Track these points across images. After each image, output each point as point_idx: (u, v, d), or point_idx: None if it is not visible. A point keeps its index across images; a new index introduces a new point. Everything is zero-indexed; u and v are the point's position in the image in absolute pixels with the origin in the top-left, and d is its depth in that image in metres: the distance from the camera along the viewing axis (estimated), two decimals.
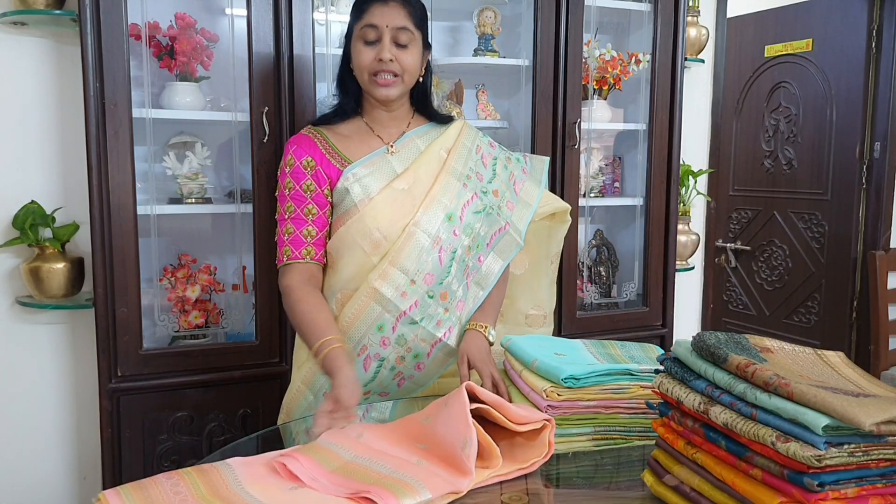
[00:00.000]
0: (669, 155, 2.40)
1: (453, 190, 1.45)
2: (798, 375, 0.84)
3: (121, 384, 1.84)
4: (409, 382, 1.50)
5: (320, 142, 1.47)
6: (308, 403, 1.49)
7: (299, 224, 1.44)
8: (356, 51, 1.42)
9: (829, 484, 0.74)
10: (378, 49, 1.39)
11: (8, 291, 2.04)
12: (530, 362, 1.22)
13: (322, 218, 1.45)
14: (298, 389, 1.50)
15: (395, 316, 1.42)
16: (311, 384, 1.48)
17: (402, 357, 1.45)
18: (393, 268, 1.40)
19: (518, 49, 2.32)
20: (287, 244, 1.44)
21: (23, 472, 2.09)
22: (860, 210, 3.37)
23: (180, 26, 1.92)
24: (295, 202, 1.44)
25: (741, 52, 3.83)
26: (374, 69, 1.40)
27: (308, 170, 1.44)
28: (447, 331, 1.47)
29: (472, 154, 1.52)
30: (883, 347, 3.17)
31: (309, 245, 1.44)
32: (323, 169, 1.44)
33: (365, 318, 1.41)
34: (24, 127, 2.00)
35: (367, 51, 1.40)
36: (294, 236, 1.44)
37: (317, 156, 1.45)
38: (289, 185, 1.45)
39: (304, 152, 1.45)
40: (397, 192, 1.42)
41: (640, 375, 1.18)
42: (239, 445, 1.28)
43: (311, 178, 1.44)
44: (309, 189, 1.44)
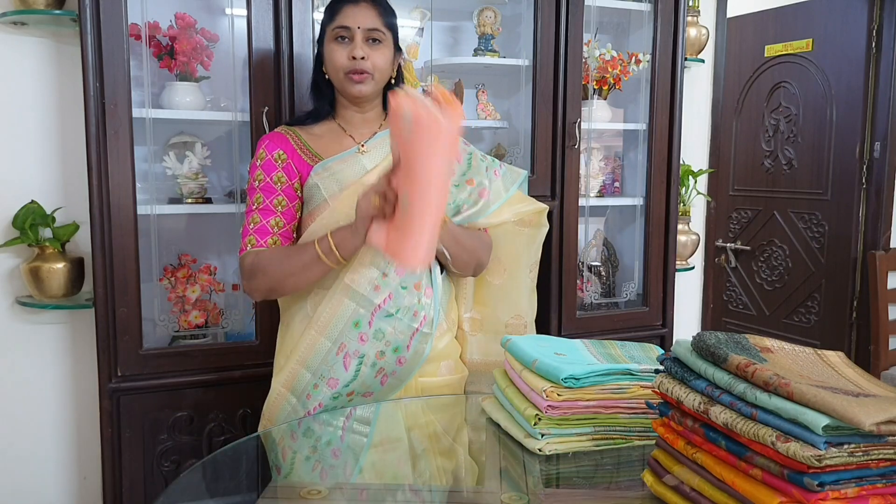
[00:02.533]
0: (669, 155, 2.40)
1: None
2: (798, 375, 0.84)
3: (121, 384, 1.84)
4: (391, 379, 1.49)
5: (292, 138, 1.51)
6: (291, 407, 1.47)
7: (266, 214, 1.46)
8: (329, 51, 1.46)
9: (829, 484, 0.74)
10: (350, 48, 1.44)
11: (8, 291, 2.04)
12: (530, 362, 1.22)
13: (290, 211, 1.47)
14: (280, 394, 1.48)
15: (370, 311, 1.42)
16: (293, 387, 1.46)
17: (382, 352, 1.45)
18: (362, 264, 1.41)
19: (518, 49, 2.32)
20: (252, 234, 1.45)
21: (23, 472, 2.10)
22: (860, 210, 3.37)
23: (180, 26, 1.92)
24: (264, 193, 1.46)
25: (741, 52, 3.83)
26: (348, 68, 1.44)
27: (279, 162, 1.48)
28: (422, 319, 1.47)
29: None
30: (883, 347, 3.17)
31: (275, 235, 1.45)
32: (294, 163, 1.48)
33: (340, 315, 1.42)
34: (24, 127, 2.00)
35: (339, 50, 1.45)
36: (260, 226, 1.45)
37: (288, 150, 1.49)
38: (259, 177, 1.48)
39: (276, 146, 1.49)
40: (366, 185, 1.41)
41: (640, 375, 1.18)
42: (240, 445, 1.28)
43: (281, 171, 1.47)
44: (279, 181, 1.47)
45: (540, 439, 1.14)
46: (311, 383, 1.44)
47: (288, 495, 1.13)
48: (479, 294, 1.66)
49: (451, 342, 1.58)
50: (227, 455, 1.28)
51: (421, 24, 2.26)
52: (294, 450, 1.34)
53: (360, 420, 1.42)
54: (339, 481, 1.19)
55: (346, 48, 1.44)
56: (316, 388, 1.44)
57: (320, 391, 1.44)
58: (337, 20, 1.45)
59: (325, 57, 1.49)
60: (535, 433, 1.15)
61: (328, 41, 1.47)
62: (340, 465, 1.26)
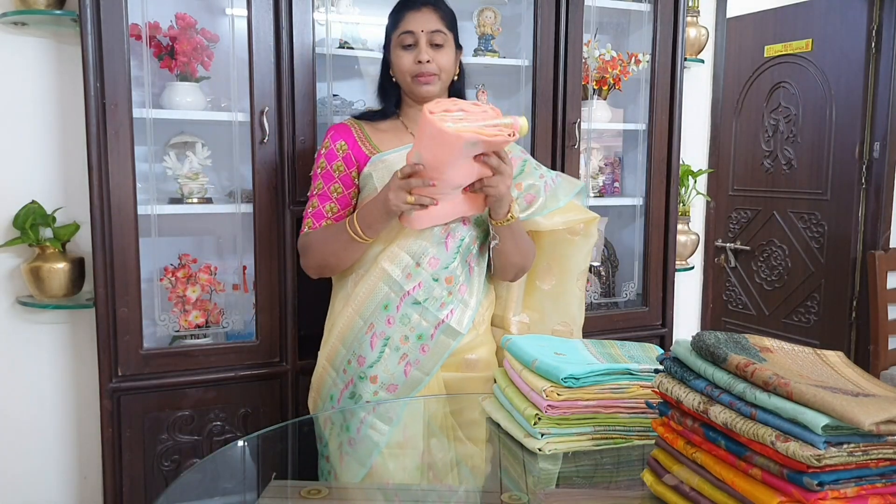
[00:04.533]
0: (669, 155, 2.41)
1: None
2: (797, 375, 0.84)
3: (121, 384, 1.84)
4: (414, 369, 1.53)
5: (356, 130, 1.61)
6: (332, 380, 1.58)
7: (324, 200, 1.57)
8: (396, 56, 1.55)
9: (828, 483, 0.74)
10: (416, 52, 1.52)
11: (8, 291, 2.04)
12: (530, 362, 1.22)
13: (346, 197, 1.57)
14: (323, 367, 1.60)
15: (400, 296, 1.51)
16: (333, 360, 1.58)
17: (406, 336, 1.52)
18: (401, 250, 1.50)
19: (518, 49, 2.32)
20: (310, 217, 1.57)
21: (23, 472, 2.10)
22: (860, 210, 3.38)
23: (181, 26, 1.92)
24: (324, 180, 1.58)
25: (741, 52, 3.83)
26: (415, 71, 1.53)
27: (340, 152, 1.58)
28: (449, 313, 1.53)
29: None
30: (882, 347, 3.18)
31: (329, 219, 1.56)
32: (353, 153, 1.58)
33: (374, 296, 1.52)
34: (24, 127, 2.00)
35: (406, 55, 1.53)
36: (317, 210, 1.57)
37: (350, 141, 1.59)
38: (322, 165, 1.59)
39: (340, 137, 1.59)
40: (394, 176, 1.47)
41: (639, 375, 1.18)
42: (240, 444, 1.28)
43: (341, 160, 1.57)
44: (338, 169, 1.57)
45: (540, 439, 1.14)
46: (346, 358, 1.55)
47: (288, 495, 1.13)
48: (528, 299, 1.72)
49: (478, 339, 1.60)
50: (228, 455, 1.29)
51: None
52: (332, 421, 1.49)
53: (381, 418, 1.46)
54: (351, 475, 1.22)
55: (411, 53, 1.52)
56: (349, 363, 1.54)
57: (352, 367, 1.54)
58: (401, 26, 1.53)
59: (393, 62, 1.57)
60: (535, 433, 1.15)
61: (394, 47, 1.55)
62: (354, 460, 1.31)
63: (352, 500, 1.14)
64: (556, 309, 1.71)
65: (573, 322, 1.71)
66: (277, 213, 1.95)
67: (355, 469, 1.35)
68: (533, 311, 1.71)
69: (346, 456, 1.34)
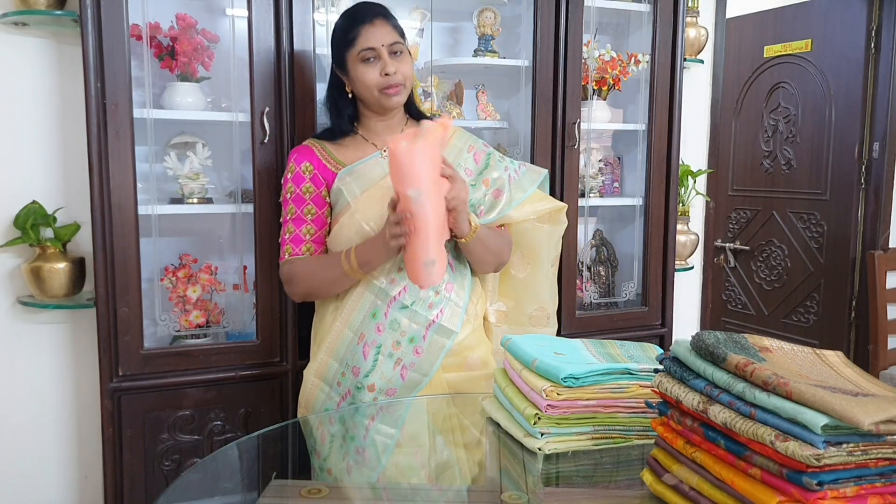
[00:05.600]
0: (669, 155, 2.41)
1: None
2: (797, 375, 0.84)
3: (122, 384, 1.84)
4: (411, 372, 1.54)
5: (318, 150, 1.62)
6: (325, 395, 1.58)
7: (299, 223, 1.58)
8: (359, 72, 1.54)
9: (827, 483, 0.75)
10: (380, 65, 1.52)
11: (9, 291, 2.04)
12: (530, 362, 1.23)
13: (320, 218, 1.59)
14: (313, 383, 1.60)
15: (387, 302, 1.52)
16: (325, 376, 1.57)
17: (398, 342, 1.53)
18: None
19: (518, 49, 2.32)
20: (288, 242, 1.59)
21: (23, 472, 2.10)
22: (859, 210, 3.38)
23: (181, 27, 1.92)
24: (295, 204, 1.59)
25: (740, 52, 3.83)
26: (382, 84, 1.53)
27: (307, 174, 1.59)
28: (439, 312, 1.55)
29: (462, 153, 1.64)
30: (882, 347, 3.18)
31: (308, 242, 1.58)
32: (320, 173, 1.59)
33: (361, 306, 1.54)
34: (25, 127, 2.00)
35: (369, 69, 1.53)
36: (294, 235, 1.58)
37: (314, 161, 1.60)
38: (290, 189, 1.61)
39: (304, 159, 1.60)
40: (385, 189, 1.51)
41: (639, 375, 1.18)
42: (241, 444, 1.28)
43: (309, 181, 1.58)
44: (308, 191, 1.58)
45: (540, 438, 1.14)
46: (338, 371, 1.56)
47: (288, 495, 1.13)
48: (503, 287, 1.75)
49: (474, 335, 1.62)
50: (228, 455, 1.29)
51: (421, 24, 2.27)
52: (332, 434, 1.45)
53: (385, 422, 1.46)
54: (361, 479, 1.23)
55: (375, 67, 1.52)
56: (343, 375, 1.55)
57: (347, 379, 1.55)
58: (359, 44, 1.52)
59: (353, 78, 1.55)
60: (534, 432, 1.15)
61: (354, 63, 1.54)
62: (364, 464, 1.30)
63: (352, 499, 1.14)
64: (530, 296, 1.75)
65: (548, 306, 1.77)
66: (278, 213, 1.95)
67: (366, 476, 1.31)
68: (509, 298, 1.75)
69: (356, 465, 1.31)
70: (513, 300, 1.75)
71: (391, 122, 1.63)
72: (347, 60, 1.55)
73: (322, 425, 1.47)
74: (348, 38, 1.53)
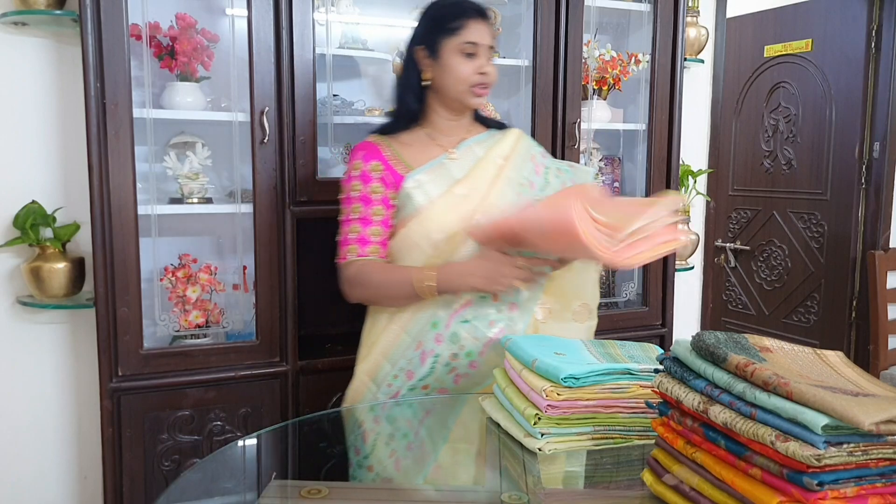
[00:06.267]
0: (669, 155, 2.41)
1: (508, 197, 1.52)
2: (797, 375, 0.84)
3: (121, 384, 1.84)
4: (464, 380, 1.53)
5: (385, 149, 1.57)
6: (372, 394, 1.56)
7: (366, 224, 1.53)
8: (456, 63, 1.50)
9: (828, 483, 0.74)
10: (478, 63, 1.50)
11: (9, 291, 2.04)
12: (530, 362, 1.23)
13: (387, 219, 1.54)
14: (362, 381, 1.57)
15: (448, 314, 1.50)
16: (375, 376, 1.55)
17: (456, 354, 1.51)
18: None
19: (518, 49, 2.32)
20: (353, 242, 1.53)
21: (24, 471, 2.10)
22: (859, 210, 3.38)
23: (181, 26, 1.92)
24: (363, 203, 1.54)
25: (741, 52, 3.83)
26: (475, 82, 1.51)
27: (375, 174, 1.54)
28: (499, 331, 1.51)
29: (526, 163, 1.60)
30: (882, 347, 3.18)
31: (374, 244, 1.53)
32: (389, 173, 1.54)
33: (422, 314, 1.50)
34: (24, 127, 2.00)
35: (468, 63, 1.51)
36: (360, 235, 1.53)
37: (383, 161, 1.55)
38: (356, 187, 1.54)
39: (372, 157, 1.55)
40: (457, 197, 1.50)
41: (639, 375, 1.18)
42: (240, 444, 1.28)
43: (378, 182, 1.54)
44: (376, 192, 1.54)
45: (540, 439, 1.14)
46: (390, 374, 1.53)
47: (288, 495, 1.13)
48: (550, 285, 1.71)
49: None
50: (228, 455, 1.29)
51: None
52: (377, 432, 1.45)
53: (437, 420, 1.45)
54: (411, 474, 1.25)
55: (472, 62, 1.50)
56: (395, 378, 1.53)
57: (399, 381, 1.52)
58: (464, 35, 1.49)
59: (445, 67, 1.52)
60: (534, 432, 1.15)
61: (451, 53, 1.51)
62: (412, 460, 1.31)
63: (352, 499, 1.14)
64: (575, 292, 1.71)
65: (591, 302, 1.72)
66: (277, 213, 1.95)
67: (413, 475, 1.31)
68: (554, 296, 1.70)
69: (404, 460, 1.32)
70: (558, 297, 1.71)
71: (461, 122, 1.60)
72: (443, 48, 1.51)
73: (366, 422, 1.48)
74: (451, 27, 1.50)
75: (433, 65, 1.53)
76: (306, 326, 2.30)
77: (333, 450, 1.37)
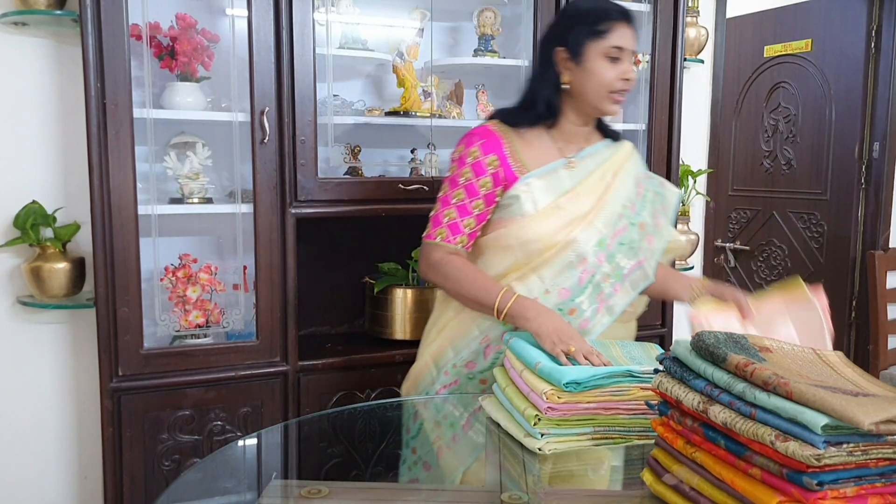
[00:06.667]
0: (669, 155, 2.41)
1: (609, 217, 1.50)
2: (797, 375, 0.84)
3: (122, 383, 1.84)
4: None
5: (505, 143, 1.52)
6: (432, 378, 1.56)
7: (463, 213, 1.50)
8: (599, 67, 1.46)
9: (827, 483, 0.74)
10: (622, 69, 1.46)
11: (9, 291, 2.04)
12: (533, 364, 1.22)
13: (485, 214, 1.52)
14: (425, 363, 1.58)
15: None
16: (437, 360, 1.56)
17: None
18: (534, 274, 1.46)
19: (518, 50, 2.32)
20: (444, 227, 1.51)
21: (24, 471, 2.10)
22: (859, 210, 3.38)
23: (181, 27, 1.92)
24: (467, 192, 1.50)
25: (740, 52, 3.83)
26: (617, 87, 1.47)
27: (489, 167, 1.50)
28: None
29: (630, 183, 1.57)
30: (882, 347, 3.18)
31: (464, 235, 1.51)
32: (503, 171, 1.50)
33: None
34: (24, 127, 2.01)
35: (612, 68, 1.46)
36: (454, 222, 1.50)
37: (500, 156, 1.51)
38: (465, 174, 1.51)
39: (491, 150, 1.51)
40: (561, 209, 1.48)
41: (640, 377, 1.18)
42: (241, 444, 1.28)
43: (489, 177, 1.49)
44: (484, 185, 1.50)
45: (540, 439, 1.14)
46: (451, 361, 1.53)
47: (288, 495, 1.13)
48: None
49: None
50: (228, 455, 1.29)
51: (421, 24, 2.27)
52: (423, 418, 1.49)
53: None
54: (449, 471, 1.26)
55: (616, 67, 1.46)
56: (455, 367, 1.53)
57: (458, 370, 1.53)
58: (611, 39, 1.45)
59: (586, 70, 1.46)
60: (534, 432, 1.15)
61: (595, 56, 1.46)
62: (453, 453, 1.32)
63: (352, 499, 1.14)
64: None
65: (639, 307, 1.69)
66: (278, 213, 1.95)
67: (454, 466, 1.32)
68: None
69: (447, 450, 1.35)
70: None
71: (587, 129, 1.56)
72: (587, 51, 1.46)
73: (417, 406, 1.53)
74: (598, 30, 1.45)
75: (574, 69, 1.48)
76: (306, 326, 2.31)
77: (333, 449, 1.37)
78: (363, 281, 2.30)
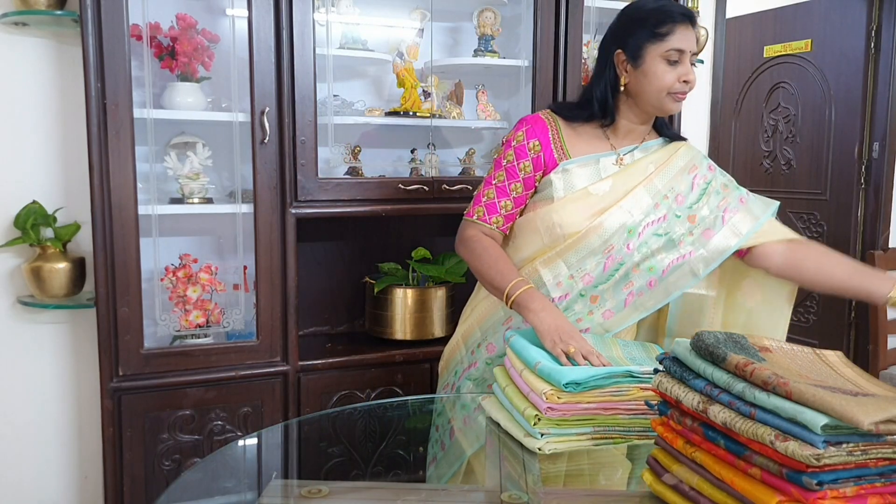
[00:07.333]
0: None
1: (642, 205, 1.47)
2: (797, 375, 0.84)
3: (122, 383, 1.85)
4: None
5: (552, 129, 1.54)
6: (461, 357, 1.61)
7: (501, 194, 1.53)
8: (660, 70, 1.44)
9: (827, 483, 0.74)
10: (682, 71, 1.45)
11: (9, 291, 2.05)
12: (533, 364, 1.22)
13: (523, 197, 1.54)
14: (457, 342, 1.63)
15: None
16: (467, 340, 1.60)
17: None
18: (559, 258, 1.48)
19: (518, 50, 2.33)
20: (483, 206, 1.54)
21: (24, 471, 2.10)
22: (859, 210, 3.38)
23: (181, 27, 1.92)
24: (507, 174, 1.53)
25: (740, 52, 3.83)
26: (676, 89, 1.46)
27: (531, 152, 1.52)
28: (584, 331, 1.45)
29: (682, 175, 1.52)
30: (882, 347, 3.17)
31: (500, 216, 1.54)
32: (544, 156, 1.52)
33: None
34: (25, 127, 2.01)
35: (671, 70, 1.44)
36: (492, 202, 1.54)
37: (544, 141, 1.53)
38: (509, 157, 1.54)
39: (535, 135, 1.53)
40: (591, 195, 1.48)
41: (641, 378, 1.18)
42: (241, 444, 1.28)
43: (530, 161, 1.52)
44: (524, 169, 1.52)
45: (539, 438, 1.14)
46: (478, 341, 1.58)
47: (288, 495, 1.14)
48: (728, 317, 1.61)
49: None
50: (228, 455, 1.29)
51: (421, 24, 2.27)
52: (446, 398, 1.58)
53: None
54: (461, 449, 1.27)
55: (675, 69, 1.44)
56: (479, 347, 1.57)
57: (481, 351, 1.57)
58: (671, 41, 1.43)
59: (646, 72, 1.45)
60: (534, 432, 1.15)
61: (655, 58, 1.44)
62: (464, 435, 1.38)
63: (352, 499, 1.15)
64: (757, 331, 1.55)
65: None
66: (278, 213, 1.96)
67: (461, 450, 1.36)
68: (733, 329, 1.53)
69: (458, 432, 1.42)
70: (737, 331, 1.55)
71: (643, 128, 1.55)
72: (646, 54, 1.44)
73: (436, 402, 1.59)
74: (660, 32, 1.43)
75: (633, 71, 1.47)
76: (306, 326, 2.31)
77: (334, 449, 1.37)
78: (363, 281, 2.31)
